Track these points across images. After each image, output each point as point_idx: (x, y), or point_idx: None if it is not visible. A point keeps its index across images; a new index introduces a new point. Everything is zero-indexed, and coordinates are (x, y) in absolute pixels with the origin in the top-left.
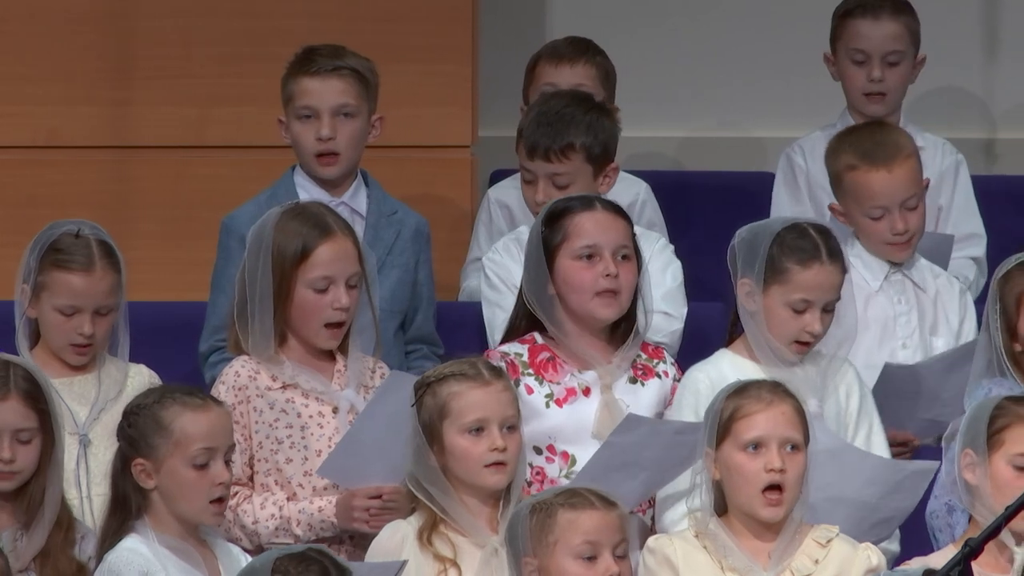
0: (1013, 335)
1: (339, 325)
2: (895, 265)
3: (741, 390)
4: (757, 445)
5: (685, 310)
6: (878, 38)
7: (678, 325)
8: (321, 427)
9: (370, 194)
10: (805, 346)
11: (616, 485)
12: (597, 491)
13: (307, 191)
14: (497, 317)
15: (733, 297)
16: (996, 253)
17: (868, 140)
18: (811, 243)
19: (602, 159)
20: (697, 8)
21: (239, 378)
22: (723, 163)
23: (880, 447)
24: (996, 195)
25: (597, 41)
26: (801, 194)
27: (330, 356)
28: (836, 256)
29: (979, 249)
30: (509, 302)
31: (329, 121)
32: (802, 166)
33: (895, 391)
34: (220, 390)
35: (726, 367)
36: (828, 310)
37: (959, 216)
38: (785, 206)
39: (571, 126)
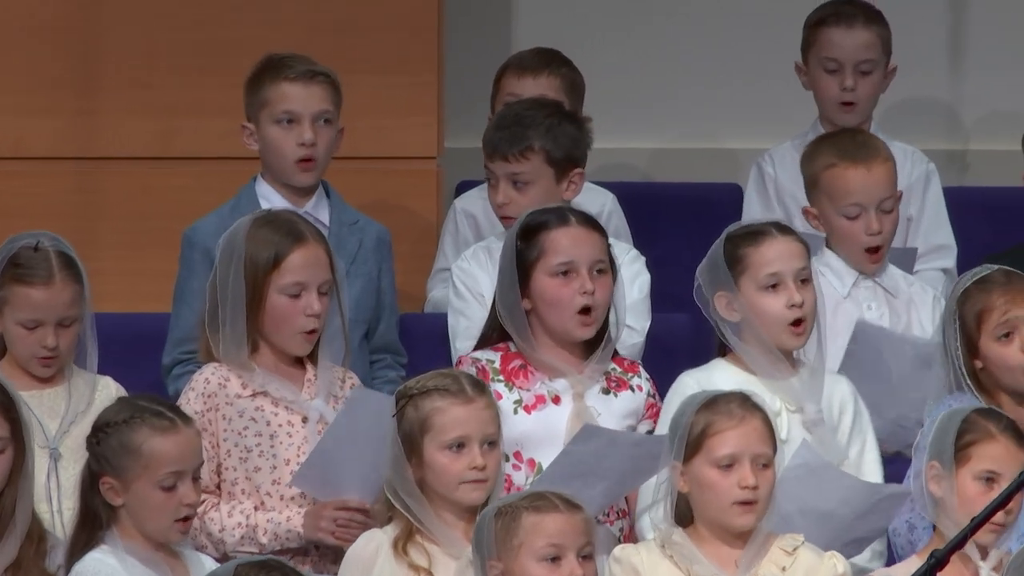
0: (973, 352)
1: (312, 331)
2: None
3: (710, 404)
4: (729, 462)
5: (648, 324)
6: (851, 47)
7: (639, 339)
8: (290, 436)
9: (331, 204)
10: (799, 327)
11: (576, 493)
12: (561, 494)
13: (270, 201)
14: (460, 324)
15: (711, 325)
16: (967, 266)
17: (847, 141)
18: (758, 226)
19: (565, 163)
20: (668, 18)
21: (208, 385)
22: (694, 174)
23: (872, 465)
24: (966, 206)
25: (565, 51)
26: (771, 202)
27: (300, 365)
28: (787, 230)
29: (949, 261)
30: (473, 310)
31: (311, 127)
32: (771, 175)
33: (865, 359)
34: (189, 396)
35: (718, 376)
36: (804, 280)
37: (929, 227)
38: (756, 214)
39: (530, 127)
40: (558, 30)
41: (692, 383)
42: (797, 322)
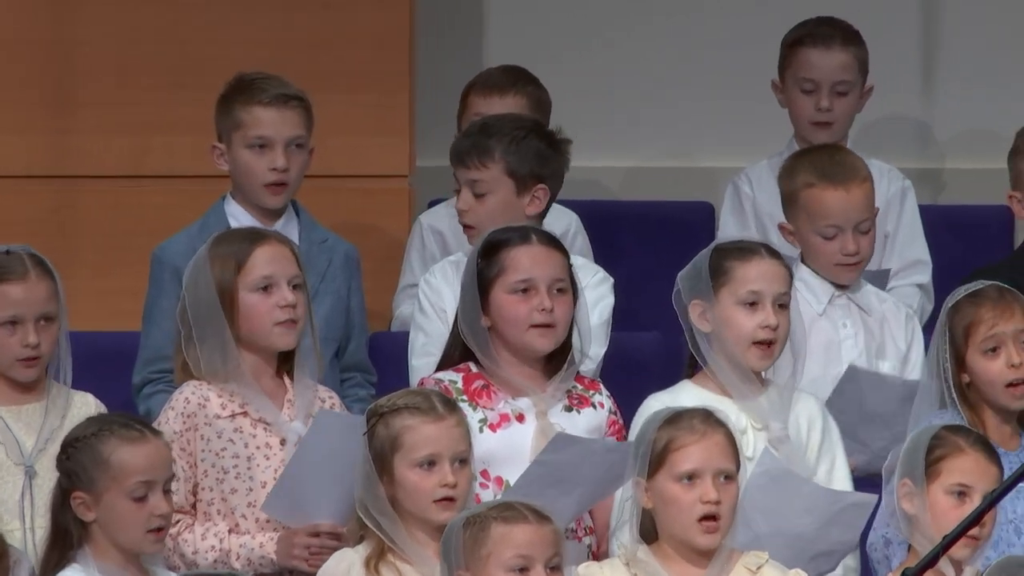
0: (961, 365)
1: (290, 322)
2: (840, 288)
3: (673, 420)
4: (691, 476)
5: (603, 350)
6: (828, 68)
7: (592, 365)
8: (267, 458)
9: (301, 223)
10: (767, 350)
11: (551, 501)
12: (531, 505)
13: (239, 221)
14: (418, 340)
15: (684, 338)
16: (940, 282)
17: (826, 160)
18: (748, 244)
19: (527, 177)
20: (641, 36)
21: (188, 405)
22: (667, 193)
23: (842, 483)
24: (940, 224)
25: (537, 69)
26: (747, 221)
27: (280, 381)
28: (775, 254)
29: (924, 276)
30: (434, 326)
31: (284, 152)
32: (749, 194)
33: (853, 400)
34: (169, 415)
35: (685, 398)
36: (782, 305)
37: (905, 242)
38: (732, 233)
39: (493, 137)
40: (530, 48)
41: (658, 406)
42: (766, 344)
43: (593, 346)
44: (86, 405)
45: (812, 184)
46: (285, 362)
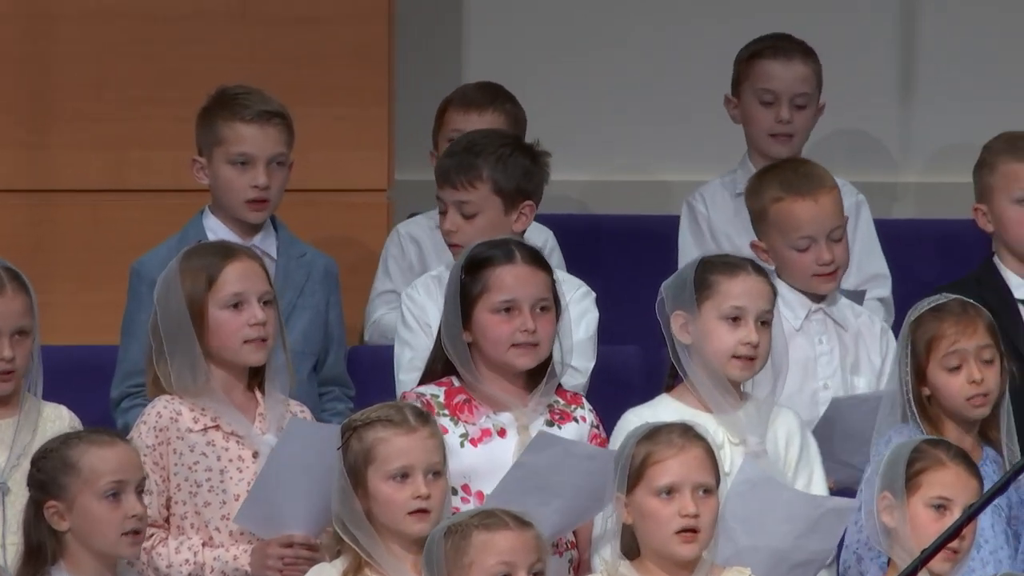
0: (922, 379)
1: (260, 340)
2: (817, 303)
3: (651, 435)
4: (670, 491)
5: (591, 364)
6: (789, 79)
7: (582, 379)
8: (240, 471)
9: (279, 237)
10: (747, 363)
11: (530, 511)
12: (511, 512)
13: (217, 235)
14: (404, 355)
15: (663, 349)
16: (902, 296)
17: (791, 173)
18: (735, 259)
19: (515, 195)
20: (613, 49)
21: (160, 419)
22: (630, 206)
23: None
24: (902, 239)
25: (512, 84)
26: (705, 239)
27: (252, 395)
28: (761, 271)
29: (885, 290)
30: (420, 340)
31: (265, 169)
32: (703, 213)
33: (836, 429)
34: (141, 430)
35: (663, 412)
36: (764, 323)
37: (863, 257)
38: (691, 252)
39: (480, 156)
40: (506, 64)
41: (636, 421)
42: (747, 357)
43: (581, 360)
44: (60, 419)
45: (780, 198)
46: (256, 376)
